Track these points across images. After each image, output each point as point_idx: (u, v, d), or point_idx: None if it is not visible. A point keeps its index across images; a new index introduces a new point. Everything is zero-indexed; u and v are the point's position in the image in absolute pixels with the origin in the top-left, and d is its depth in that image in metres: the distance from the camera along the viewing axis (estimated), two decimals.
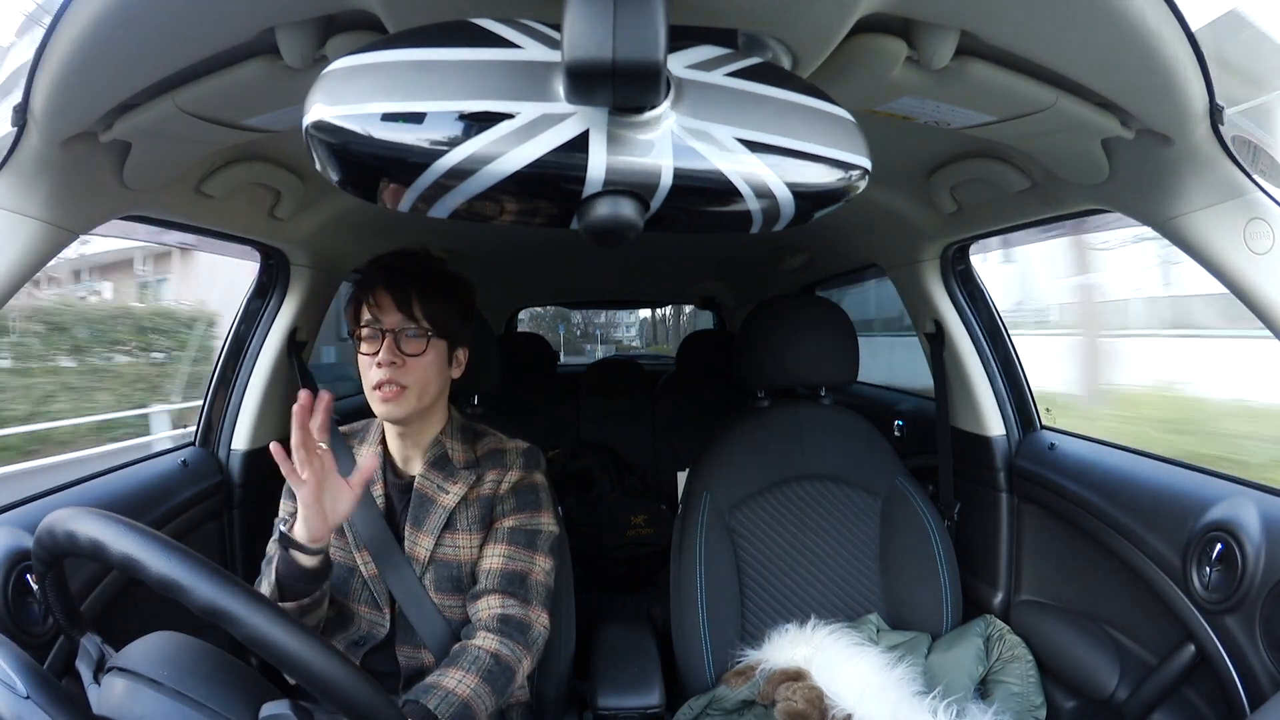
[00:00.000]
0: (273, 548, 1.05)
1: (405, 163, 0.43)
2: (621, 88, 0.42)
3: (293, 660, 0.52)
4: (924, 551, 1.32)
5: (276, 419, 1.44)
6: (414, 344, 0.98)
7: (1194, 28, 0.61)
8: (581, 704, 1.26)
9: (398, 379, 0.96)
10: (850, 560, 1.36)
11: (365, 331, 0.98)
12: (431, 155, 0.43)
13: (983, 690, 1.22)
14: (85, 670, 0.63)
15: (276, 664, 0.52)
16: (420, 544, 1.01)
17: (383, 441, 1.07)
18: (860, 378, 1.48)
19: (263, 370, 1.40)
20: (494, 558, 1.02)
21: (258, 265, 1.42)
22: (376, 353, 0.97)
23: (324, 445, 0.87)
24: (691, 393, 2.71)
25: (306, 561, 0.89)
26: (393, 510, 1.04)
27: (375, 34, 0.62)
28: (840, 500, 1.38)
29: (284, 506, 1.08)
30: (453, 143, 0.43)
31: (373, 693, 0.55)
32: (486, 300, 2.76)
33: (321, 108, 0.42)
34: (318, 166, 0.45)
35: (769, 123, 0.48)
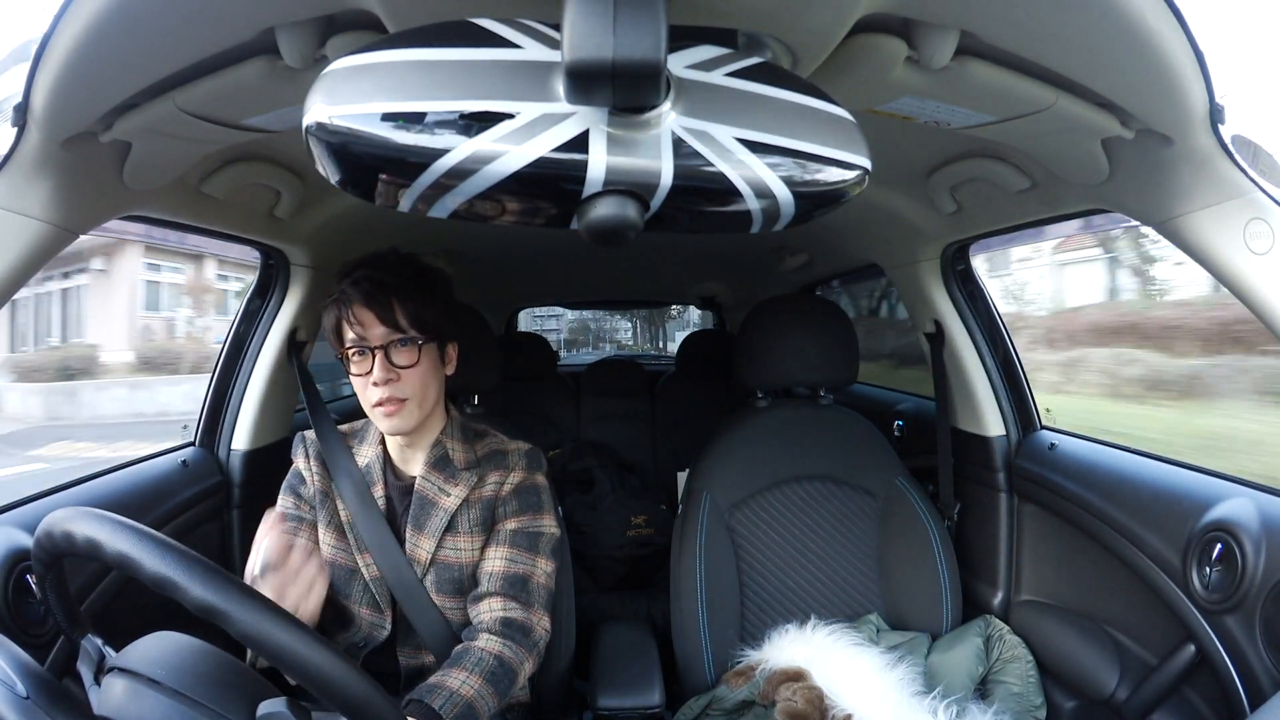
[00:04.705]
0: None
1: (405, 163, 0.43)
2: (621, 88, 0.42)
3: (287, 657, 0.52)
4: (924, 552, 1.32)
5: (276, 419, 1.44)
6: (405, 354, 0.95)
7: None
8: (581, 704, 1.27)
9: (396, 394, 0.94)
10: (850, 560, 1.36)
11: (352, 352, 0.95)
12: (431, 155, 0.43)
13: (983, 690, 1.22)
14: (86, 671, 0.63)
15: (272, 661, 0.52)
16: (421, 546, 1.01)
17: (382, 442, 1.07)
18: None
19: (263, 370, 1.40)
20: (496, 560, 1.02)
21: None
22: (369, 371, 0.94)
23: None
24: (691, 393, 2.71)
25: None
26: (394, 512, 1.04)
27: (375, 34, 0.62)
28: (840, 500, 1.38)
29: (282, 500, 1.08)
30: (452, 143, 0.43)
31: (368, 688, 0.55)
32: (486, 300, 2.77)
33: (321, 108, 0.42)
34: (318, 166, 0.45)
35: (769, 123, 0.48)
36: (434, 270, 1.03)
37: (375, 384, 0.94)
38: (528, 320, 5.04)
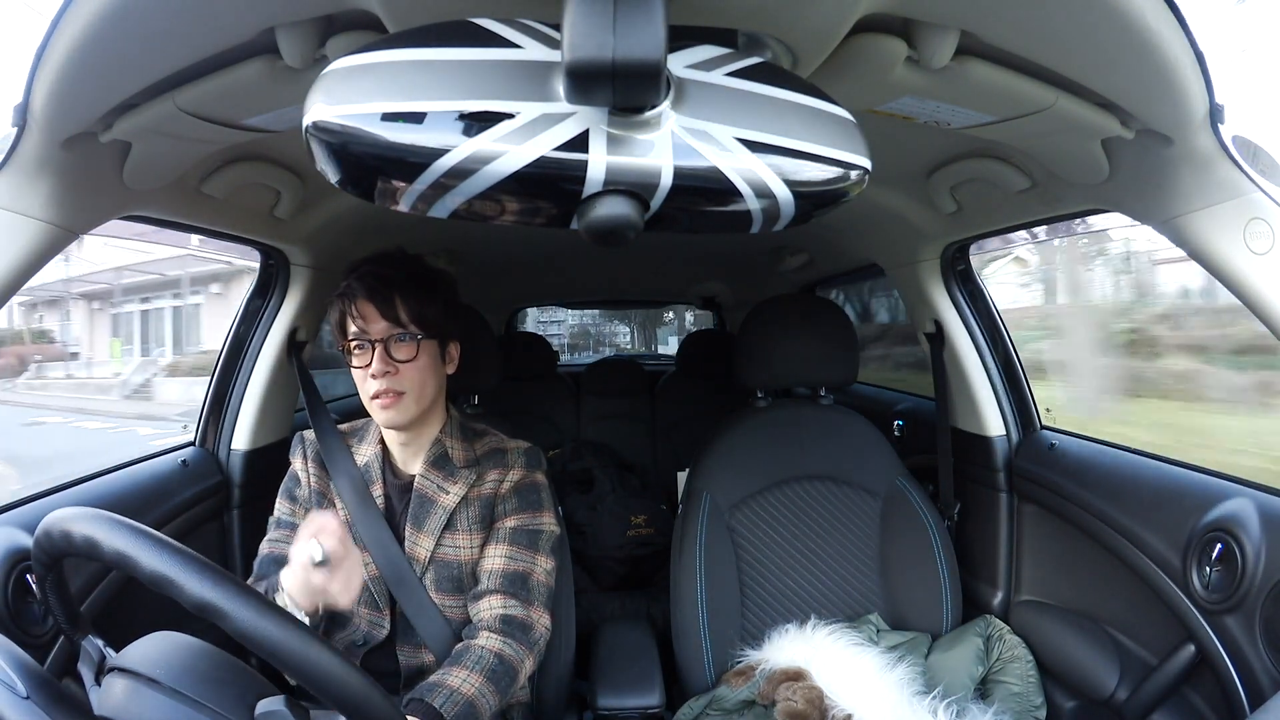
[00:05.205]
0: (263, 548, 1.05)
1: (405, 163, 0.43)
2: (621, 88, 0.42)
3: (285, 655, 0.52)
4: (924, 551, 1.32)
5: (276, 419, 1.44)
6: (405, 349, 0.97)
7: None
8: (582, 704, 1.26)
9: (394, 386, 0.96)
10: (850, 560, 1.36)
11: (354, 345, 0.97)
12: (431, 155, 0.43)
13: (983, 690, 1.22)
14: (86, 671, 0.63)
15: (268, 658, 0.52)
16: (421, 544, 1.01)
17: (381, 441, 1.07)
18: None
19: (263, 370, 1.40)
20: (496, 558, 1.02)
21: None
22: (369, 364, 0.96)
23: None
24: (691, 393, 2.71)
25: None
26: (393, 510, 1.04)
27: (375, 34, 0.62)
28: (840, 500, 1.38)
29: (279, 506, 1.08)
30: (452, 142, 0.43)
31: (366, 686, 0.55)
32: (486, 300, 2.76)
33: (321, 107, 0.42)
34: (317, 166, 0.45)
35: (769, 122, 0.48)
36: (437, 270, 1.05)
37: (374, 376, 0.95)
38: (533, 327, 5.11)
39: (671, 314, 6.56)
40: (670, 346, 6.84)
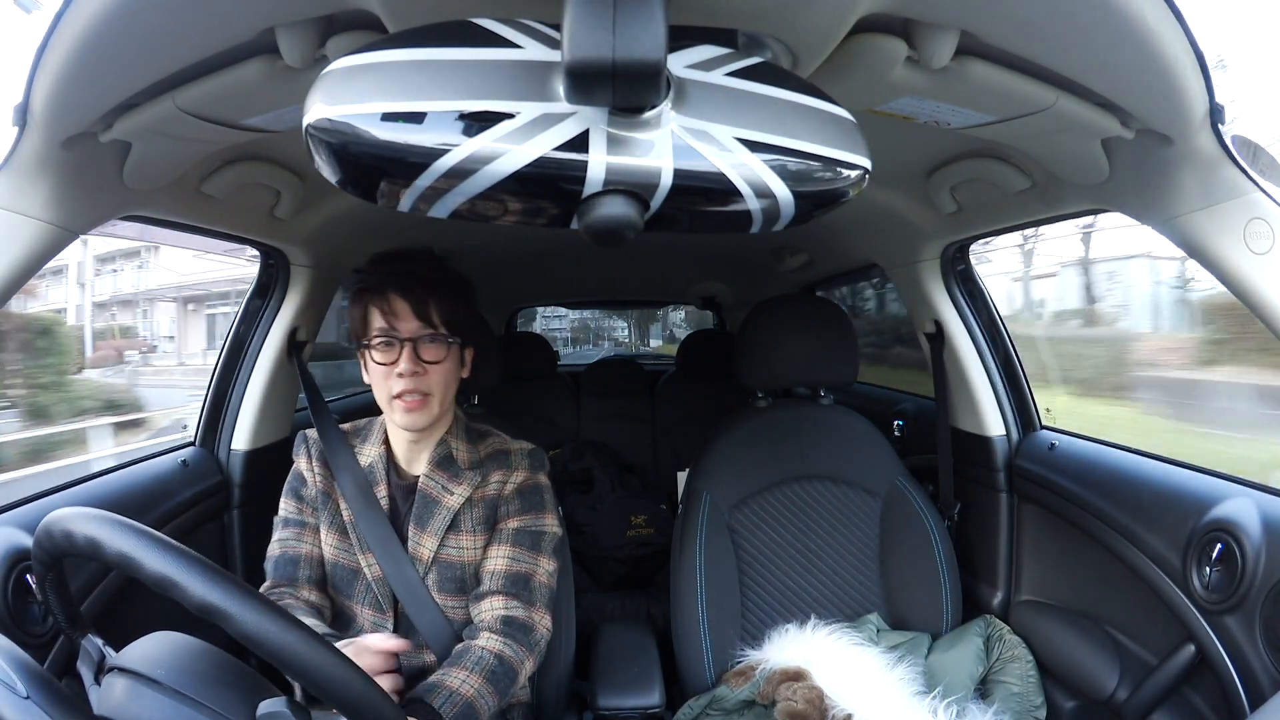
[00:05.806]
0: (274, 549, 1.05)
1: (405, 162, 0.43)
2: (621, 88, 0.42)
3: (287, 656, 0.52)
4: (924, 551, 1.32)
5: (276, 419, 1.44)
6: (434, 350, 0.96)
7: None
8: (582, 704, 1.26)
9: (420, 388, 0.94)
10: (850, 560, 1.36)
11: (379, 340, 0.95)
12: (431, 155, 0.43)
13: (983, 690, 1.22)
14: (86, 672, 0.63)
15: (272, 660, 0.52)
16: (424, 545, 1.01)
17: (385, 442, 1.07)
18: None
19: (263, 370, 1.40)
20: (498, 559, 1.02)
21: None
22: (394, 362, 0.94)
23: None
24: (691, 393, 2.71)
25: None
26: (396, 511, 1.04)
27: (375, 34, 0.62)
28: (840, 500, 1.38)
29: (284, 505, 1.08)
30: (452, 142, 0.43)
31: (367, 687, 0.55)
32: (486, 300, 2.76)
33: (321, 107, 0.43)
34: (317, 166, 0.45)
35: (769, 122, 0.48)
36: (463, 275, 1.05)
37: (400, 375, 0.94)
38: (539, 321, 5.15)
39: (662, 312, 7.02)
40: (658, 339, 7.85)
